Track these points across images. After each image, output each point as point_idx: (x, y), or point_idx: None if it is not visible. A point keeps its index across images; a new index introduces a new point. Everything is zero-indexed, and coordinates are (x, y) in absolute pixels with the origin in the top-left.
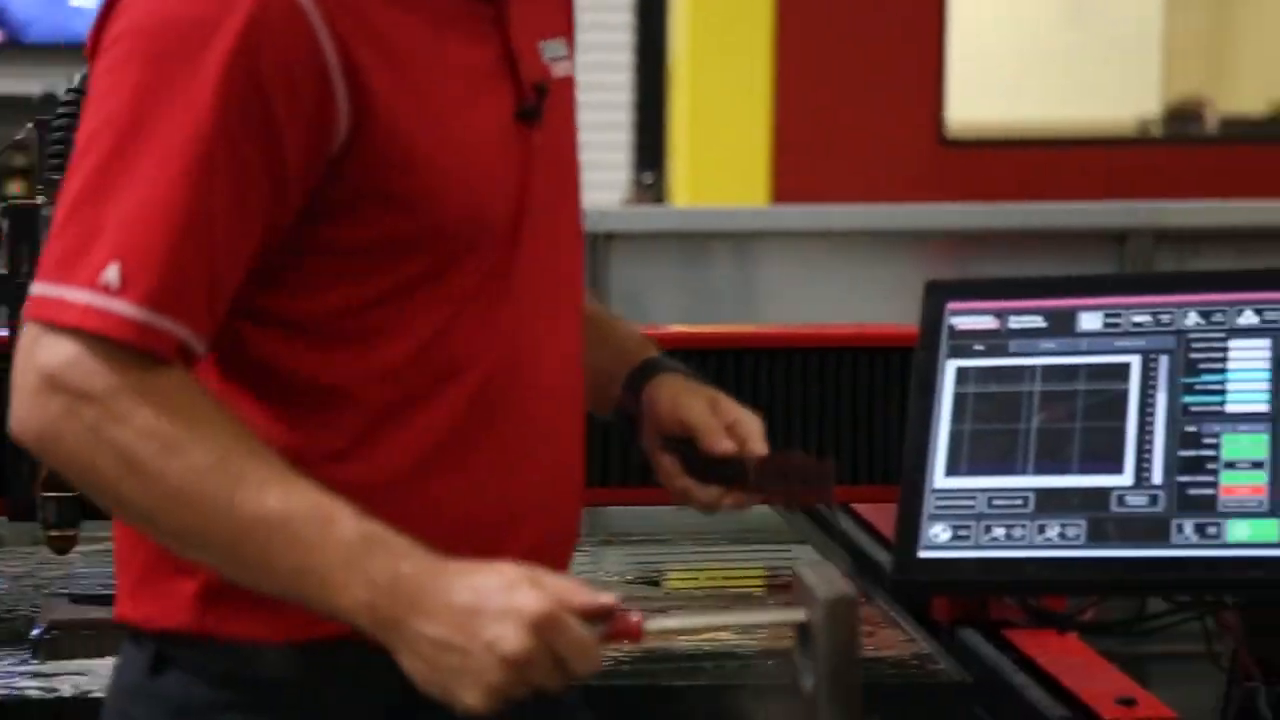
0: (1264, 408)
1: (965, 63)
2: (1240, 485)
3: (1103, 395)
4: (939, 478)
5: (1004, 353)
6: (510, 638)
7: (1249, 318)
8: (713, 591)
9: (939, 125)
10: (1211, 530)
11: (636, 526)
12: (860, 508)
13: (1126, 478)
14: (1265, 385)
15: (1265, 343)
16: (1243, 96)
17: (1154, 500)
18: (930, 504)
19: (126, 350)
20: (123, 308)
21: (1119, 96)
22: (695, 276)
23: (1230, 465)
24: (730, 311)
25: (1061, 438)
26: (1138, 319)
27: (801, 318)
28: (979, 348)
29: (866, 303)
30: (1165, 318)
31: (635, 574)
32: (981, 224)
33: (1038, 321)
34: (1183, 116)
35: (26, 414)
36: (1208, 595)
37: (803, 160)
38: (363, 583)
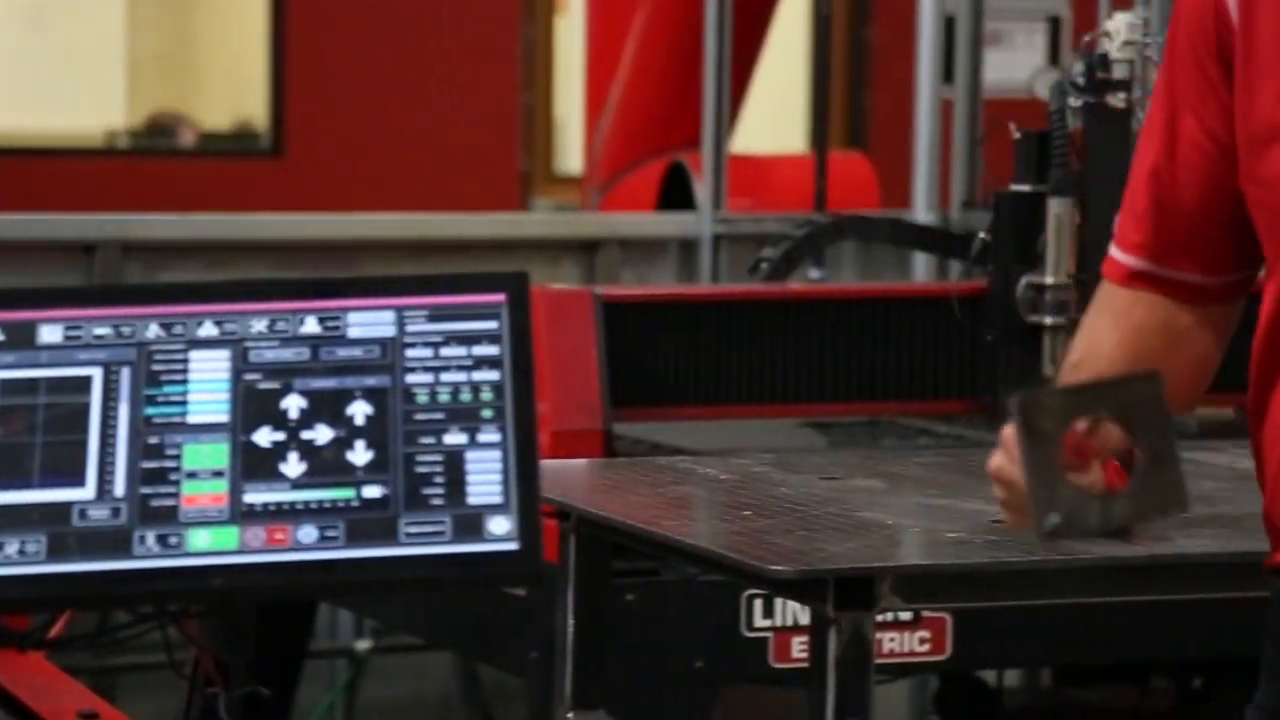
0: (224, 418)
1: None
2: (201, 495)
3: (64, 408)
4: None
5: None
6: None
7: (209, 329)
8: None
9: None
10: (173, 540)
11: None
12: None
13: (89, 491)
14: (225, 395)
15: (224, 354)
16: (211, 112)
17: (116, 513)
18: None
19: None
20: (1117, 254)
21: (86, 108)
22: None
23: (192, 475)
24: None
25: (21, 452)
26: (99, 331)
27: None
28: None
29: None
30: (127, 330)
31: None
32: None
33: None
34: (160, 130)
35: None
36: (170, 605)
37: None
38: None
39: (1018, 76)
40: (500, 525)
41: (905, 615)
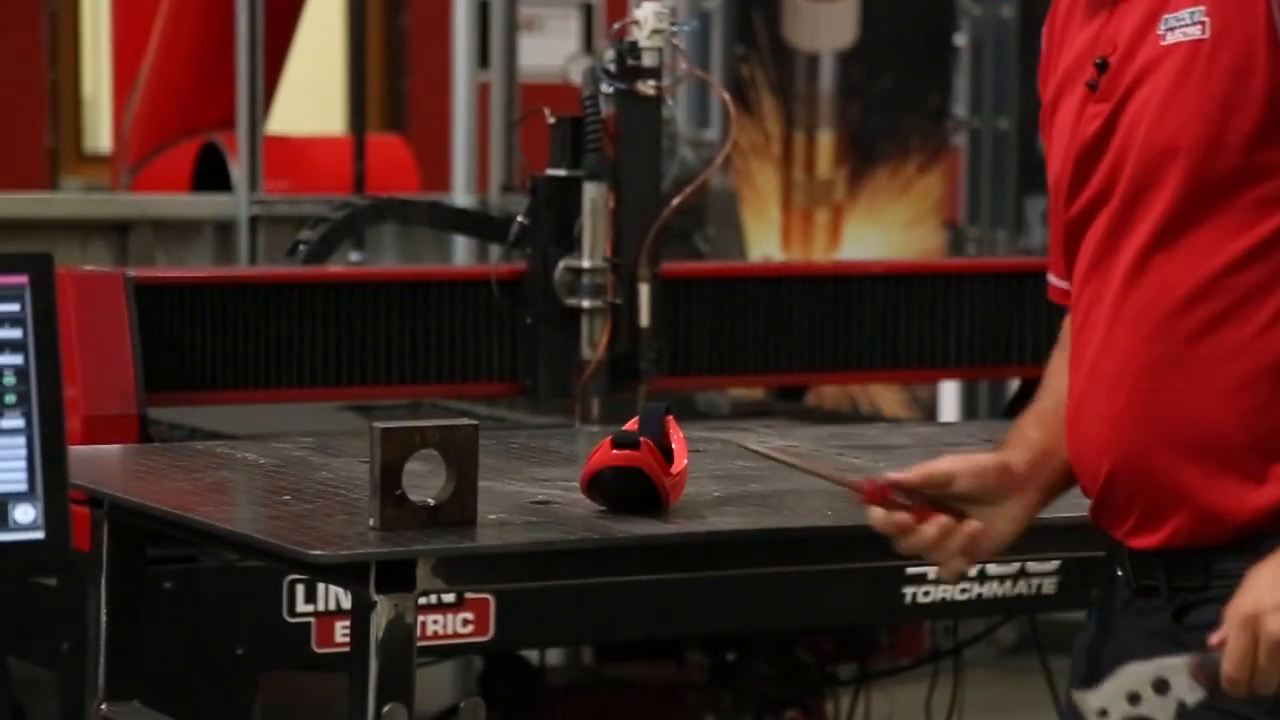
0: None
1: None
2: None
3: None
4: None
5: None
6: None
7: None
8: None
9: None
10: None
11: None
12: None
13: None
14: None
15: None
16: None
17: None
18: None
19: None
20: (1049, 278)
21: None
22: None
23: None
24: None
25: None
26: None
27: None
28: None
29: None
30: None
31: None
32: None
33: None
34: None
35: None
36: None
37: None
38: None
39: (552, 62)
40: (25, 514)
41: (448, 597)
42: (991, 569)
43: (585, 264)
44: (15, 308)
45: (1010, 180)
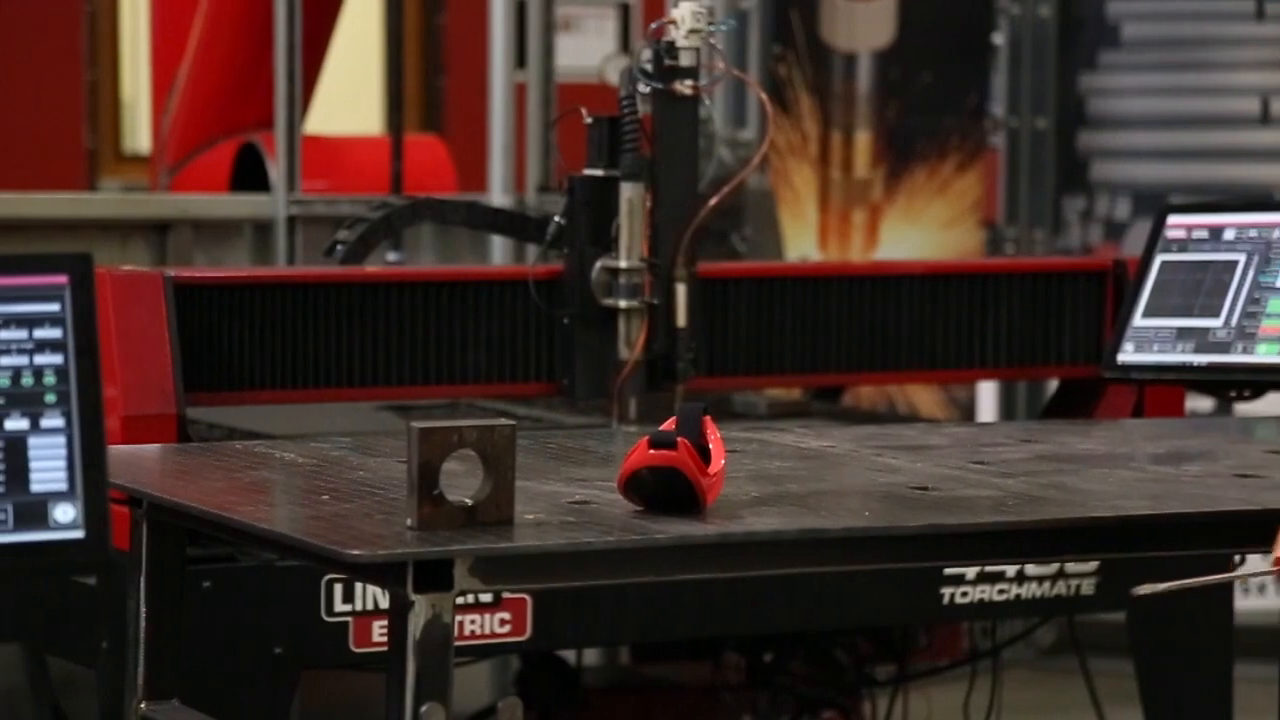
0: None
1: None
2: None
3: None
4: None
5: None
6: None
7: None
8: None
9: None
10: None
11: None
12: None
13: None
14: None
15: None
16: None
17: None
18: None
19: None
20: None
21: None
22: None
23: None
24: None
25: None
26: None
27: None
28: None
29: None
30: None
31: None
32: None
33: None
34: None
35: None
36: None
37: None
38: None
39: (589, 62)
40: (65, 513)
41: (485, 597)
42: (1030, 570)
43: (622, 264)
44: (55, 308)
45: (1048, 180)
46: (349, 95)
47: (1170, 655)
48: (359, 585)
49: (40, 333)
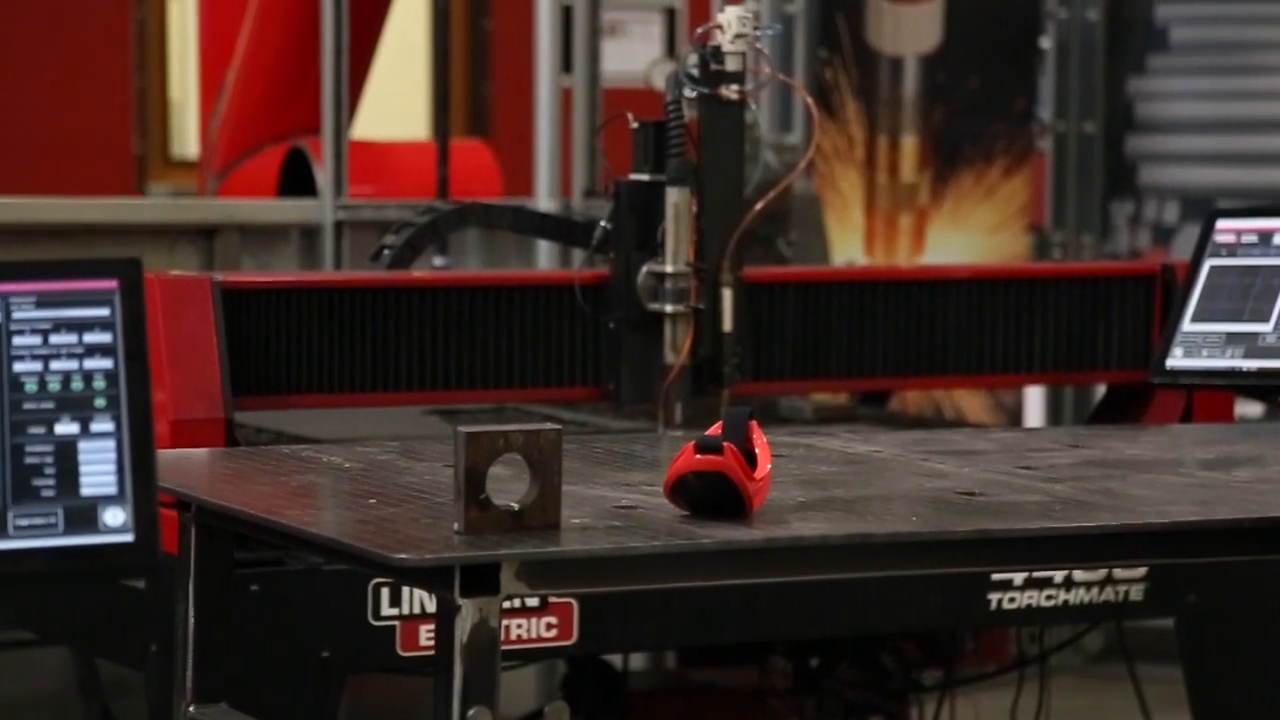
0: None
1: None
2: None
3: None
4: None
5: None
6: None
7: None
8: None
9: None
10: None
11: None
12: None
13: None
14: None
15: None
16: None
17: None
18: None
19: None
20: None
21: None
22: None
23: None
24: None
25: None
26: None
27: None
28: None
29: None
30: None
31: None
32: None
33: None
34: None
35: None
36: None
37: None
38: None
39: (635, 67)
40: (115, 517)
41: (532, 601)
42: (1078, 576)
43: (668, 269)
44: (105, 312)
45: (1096, 184)
46: (396, 100)
47: (1219, 662)
48: (406, 589)
49: (90, 337)
